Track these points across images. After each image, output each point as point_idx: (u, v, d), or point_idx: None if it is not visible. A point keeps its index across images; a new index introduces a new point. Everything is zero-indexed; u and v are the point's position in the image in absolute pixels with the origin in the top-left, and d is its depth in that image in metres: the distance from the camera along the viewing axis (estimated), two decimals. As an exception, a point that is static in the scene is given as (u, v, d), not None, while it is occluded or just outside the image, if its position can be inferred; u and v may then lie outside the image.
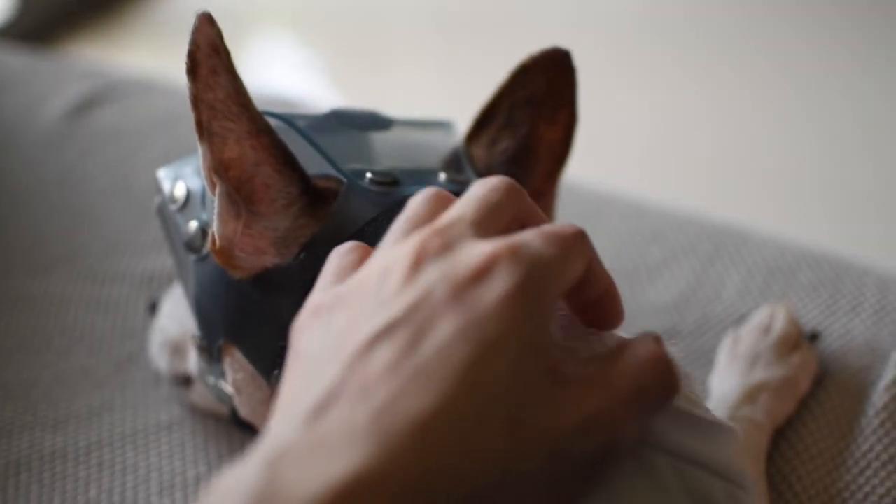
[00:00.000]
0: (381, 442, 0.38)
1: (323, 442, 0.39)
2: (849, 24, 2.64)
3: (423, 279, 0.43)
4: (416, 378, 0.40)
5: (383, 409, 0.39)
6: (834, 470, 0.76)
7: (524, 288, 0.42)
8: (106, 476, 0.79)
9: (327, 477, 0.38)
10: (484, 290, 0.42)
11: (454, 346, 0.41)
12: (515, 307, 0.42)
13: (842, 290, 0.90)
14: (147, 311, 0.88)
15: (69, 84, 1.21)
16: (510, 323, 0.41)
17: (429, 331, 0.41)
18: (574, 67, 0.70)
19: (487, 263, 0.43)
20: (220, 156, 0.60)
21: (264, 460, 0.39)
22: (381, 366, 0.41)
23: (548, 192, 0.74)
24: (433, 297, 0.42)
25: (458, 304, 0.42)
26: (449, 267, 0.43)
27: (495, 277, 0.42)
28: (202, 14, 0.57)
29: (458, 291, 0.42)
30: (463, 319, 0.41)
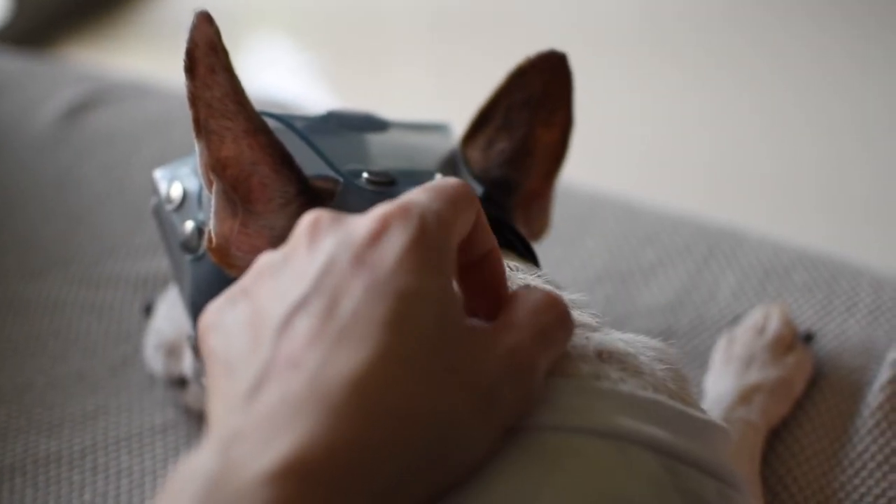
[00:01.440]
0: (322, 408, 0.39)
1: (267, 419, 0.40)
2: (844, 26, 2.64)
3: (323, 249, 0.45)
4: (340, 341, 0.41)
5: (316, 376, 0.40)
6: (829, 471, 0.76)
7: (420, 240, 0.44)
8: (101, 480, 0.79)
9: (277, 452, 0.38)
10: (383, 249, 0.44)
11: (370, 305, 0.42)
12: (417, 260, 0.43)
13: (836, 290, 0.90)
14: (142, 313, 0.88)
15: (64, 87, 1.21)
16: (417, 275, 0.43)
17: (341, 296, 0.43)
18: (570, 70, 0.71)
19: (381, 224, 0.45)
20: (218, 154, 0.60)
21: (217, 445, 0.40)
22: (303, 337, 0.42)
23: (544, 195, 0.74)
24: (337, 264, 0.44)
25: (362, 266, 0.43)
26: (344, 234, 0.45)
27: (391, 235, 0.44)
28: (200, 12, 0.57)
29: (359, 254, 0.44)
30: (371, 279, 0.43)
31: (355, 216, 0.46)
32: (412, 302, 0.42)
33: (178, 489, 0.39)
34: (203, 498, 0.38)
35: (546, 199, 0.74)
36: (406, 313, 0.42)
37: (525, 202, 0.73)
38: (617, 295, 0.93)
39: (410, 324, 0.42)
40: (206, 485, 0.38)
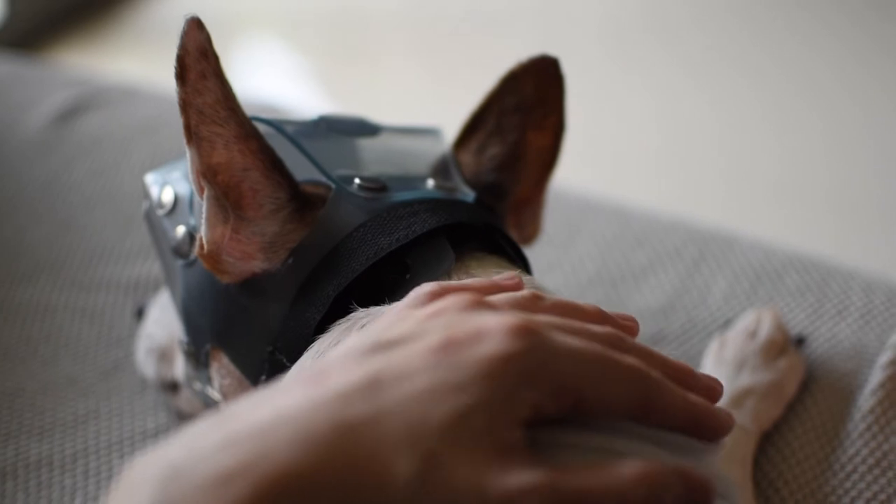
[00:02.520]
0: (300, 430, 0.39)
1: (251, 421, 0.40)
2: (844, 25, 2.64)
3: (430, 323, 0.45)
4: (363, 389, 0.41)
5: (317, 407, 0.40)
6: (821, 474, 0.76)
7: (513, 360, 0.42)
8: (92, 484, 0.79)
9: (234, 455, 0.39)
10: (472, 348, 0.42)
11: (412, 377, 0.41)
12: (494, 372, 0.41)
13: (828, 294, 0.90)
14: (133, 317, 0.88)
15: (54, 91, 1.21)
16: (478, 380, 0.41)
17: (399, 360, 0.42)
18: (562, 75, 0.71)
19: (493, 328, 0.43)
20: (209, 160, 0.59)
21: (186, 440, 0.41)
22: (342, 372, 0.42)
23: (535, 199, 0.74)
24: (424, 337, 0.43)
25: (439, 350, 0.42)
26: (458, 320, 0.44)
27: (489, 340, 0.42)
28: (191, 18, 0.56)
29: (449, 341, 0.43)
30: (432, 360, 0.42)
31: (493, 312, 0.45)
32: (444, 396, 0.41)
33: (139, 474, 0.40)
34: (161, 486, 0.38)
35: (538, 203, 0.74)
36: (431, 399, 0.41)
37: (516, 207, 0.73)
38: (608, 298, 0.93)
39: (429, 410, 0.40)
40: (166, 474, 0.39)
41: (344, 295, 0.59)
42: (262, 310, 0.62)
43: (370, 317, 0.57)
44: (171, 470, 0.39)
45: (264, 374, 0.62)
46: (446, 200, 0.65)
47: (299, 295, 0.60)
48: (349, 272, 0.59)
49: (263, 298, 0.62)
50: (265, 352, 0.61)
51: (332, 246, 0.61)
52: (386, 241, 0.60)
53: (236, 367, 0.65)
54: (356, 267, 0.59)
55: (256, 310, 0.62)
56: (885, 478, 0.75)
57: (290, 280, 0.61)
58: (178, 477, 0.38)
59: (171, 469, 0.39)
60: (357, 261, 0.60)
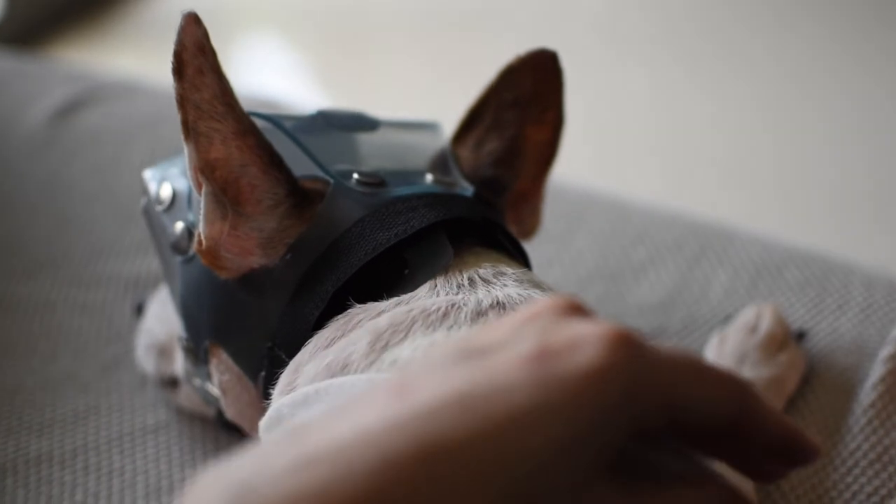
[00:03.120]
0: (380, 451, 0.36)
1: (327, 439, 0.37)
2: (843, 24, 2.64)
3: (523, 329, 0.40)
4: (452, 405, 0.37)
5: (401, 424, 0.37)
6: (821, 469, 0.76)
7: (610, 374, 0.38)
8: (92, 480, 0.78)
9: (306, 478, 0.36)
10: (568, 357, 0.38)
11: (507, 395, 0.37)
12: (591, 391, 0.37)
13: (828, 288, 0.90)
14: (133, 313, 0.88)
15: (53, 87, 1.20)
16: (574, 403, 0.37)
17: (492, 372, 0.38)
18: (561, 69, 0.70)
19: (589, 337, 0.39)
20: (206, 156, 0.59)
21: (262, 450, 0.38)
22: (430, 383, 0.38)
23: (535, 194, 0.74)
24: (518, 345, 0.39)
25: (534, 361, 0.38)
26: (553, 327, 0.40)
27: (586, 350, 0.38)
28: (188, 14, 0.56)
29: (544, 350, 0.38)
30: (528, 374, 0.38)
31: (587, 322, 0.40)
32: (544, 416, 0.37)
33: (206, 492, 0.37)
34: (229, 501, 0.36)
35: (537, 198, 0.74)
36: (530, 421, 0.36)
37: (515, 202, 0.73)
38: (608, 294, 0.93)
39: (524, 431, 0.36)
40: (232, 494, 0.36)
41: (342, 290, 0.59)
42: (261, 305, 0.62)
43: (367, 313, 0.57)
44: (240, 490, 0.36)
45: (263, 370, 0.62)
46: (445, 195, 0.65)
47: (298, 290, 0.60)
48: (347, 268, 0.59)
49: (262, 294, 0.62)
50: (264, 347, 0.61)
51: (331, 241, 0.61)
52: (384, 236, 0.60)
53: (235, 362, 0.65)
54: (354, 262, 0.59)
55: (255, 305, 0.62)
56: (886, 472, 0.75)
57: (289, 276, 0.61)
58: (246, 497, 0.36)
59: (241, 489, 0.36)
60: (355, 256, 0.60)
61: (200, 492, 0.38)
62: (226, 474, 0.37)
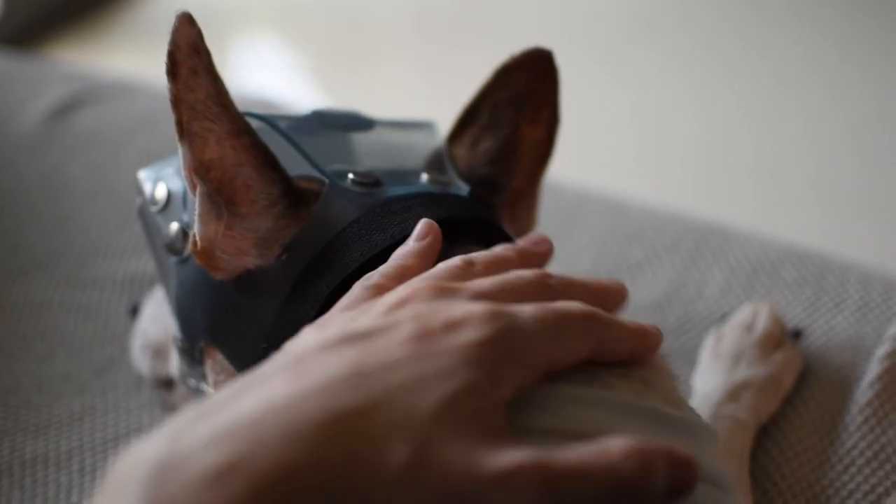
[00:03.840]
0: (288, 422, 0.39)
1: (237, 414, 0.40)
2: (831, 20, 2.65)
3: (398, 314, 0.46)
4: (348, 378, 0.41)
5: (304, 397, 0.40)
6: (818, 467, 0.76)
7: (490, 344, 0.44)
8: (88, 481, 0.78)
9: (224, 450, 0.38)
10: (448, 336, 0.43)
11: (395, 366, 0.42)
12: (475, 355, 0.43)
13: (825, 286, 0.90)
14: (128, 314, 0.88)
15: (49, 87, 1.20)
16: (459, 365, 0.42)
17: (378, 350, 0.43)
18: (556, 67, 0.70)
19: (463, 318, 0.45)
20: (201, 157, 0.59)
21: (169, 434, 0.40)
22: (323, 362, 0.42)
23: (530, 193, 0.74)
24: (397, 330, 0.44)
25: (416, 341, 0.43)
26: (427, 311, 0.45)
27: (463, 329, 0.44)
28: (182, 14, 0.56)
29: (423, 332, 0.44)
30: (412, 350, 0.43)
31: (457, 301, 0.47)
32: (429, 383, 0.42)
33: (126, 473, 0.39)
34: (150, 485, 0.38)
35: (532, 197, 0.74)
36: (417, 387, 0.41)
37: (511, 201, 0.73)
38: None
39: (414, 398, 0.41)
40: (153, 472, 0.38)
41: (338, 291, 0.59)
42: (256, 306, 0.62)
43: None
44: (158, 468, 0.38)
45: (258, 371, 0.62)
46: (440, 195, 0.65)
47: (293, 291, 0.60)
48: (343, 268, 0.59)
49: (257, 295, 0.62)
50: (259, 348, 0.61)
51: (326, 242, 0.60)
52: (380, 236, 0.60)
53: (230, 363, 0.65)
54: (350, 263, 0.59)
55: (250, 306, 0.62)
56: (882, 471, 0.75)
57: (284, 276, 0.61)
58: (167, 476, 0.38)
59: (159, 467, 0.38)
60: (351, 257, 0.59)
61: (121, 473, 0.39)
62: (143, 454, 0.39)
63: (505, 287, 0.50)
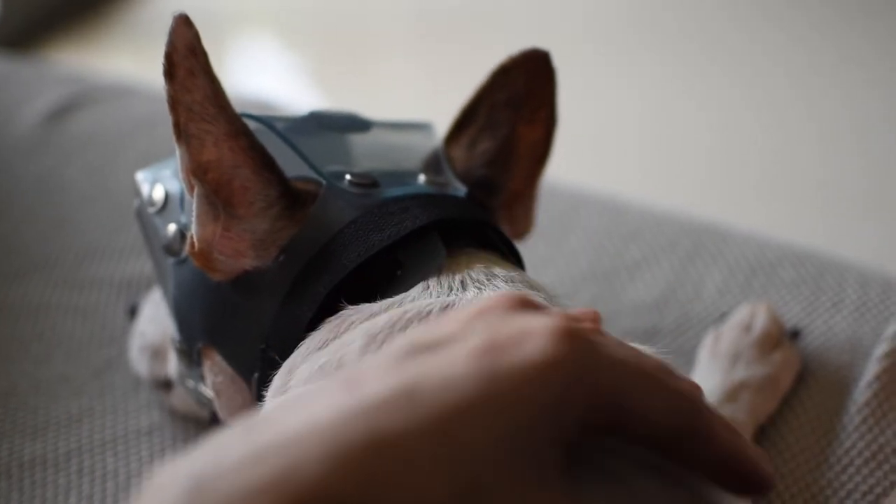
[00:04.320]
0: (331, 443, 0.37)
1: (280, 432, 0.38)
2: (832, 19, 2.65)
3: (473, 323, 0.42)
4: (399, 398, 0.38)
5: (350, 417, 0.37)
6: (816, 468, 0.76)
7: (556, 366, 0.39)
8: (86, 483, 0.78)
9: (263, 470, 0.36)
10: (515, 350, 0.39)
11: (452, 388, 0.38)
12: (535, 383, 0.38)
13: (823, 287, 0.90)
14: (126, 315, 0.88)
15: (47, 89, 1.20)
16: (519, 396, 0.38)
17: (439, 365, 0.39)
18: (553, 68, 0.70)
19: (537, 329, 0.40)
20: (198, 158, 0.59)
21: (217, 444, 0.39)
22: (378, 377, 0.39)
23: (528, 194, 0.74)
24: (466, 339, 0.40)
25: (482, 354, 0.39)
26: (502, 321, 0.41)
27: (533, 342, 0.39)
28: (178, 15, 0.56)
29: (492, 343, 0.39)
30: (474, 367, 0.38)
31: (535, 315, 0.42)
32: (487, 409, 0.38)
33: (163, 487, 0.38)
34: (186, 499, 0.37)
35: (530, 198, 0.74)
36: (474, 412, 0.37)
37: (509, 202, 0.73)
38: (602, 293, 0.93)
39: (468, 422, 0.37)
40: (191, 487, 0.37)
41: (335, 292, 0.59)
42: (254, 307, 0.62)
43: (360, 314, 0.57)
44: (195, 483, 0.37)
45: (257, 372, 0.62)
46: (437, 196, 0.65)
47: (291, 292, 0.60)
48: (340, 269, 0.59)
49: (255, 296, 0.62)
50: (257, 349, 0.61)
51: (324, 243, 0.61)
52: (377, 237, 0.60)
53: (229, 364, 0.65)
54: (347, 264, 0.59)
55: (248, 307, 0.62)
56: (881, 471, 0.75)
57: (282, 277, 0.61)
58: (203, 491, 0.36)
59: (196, 482, 0.37)
60: (348, 258, 0.59)
61: (158, 487, 0.38)
62: (182, 469, 0.38)
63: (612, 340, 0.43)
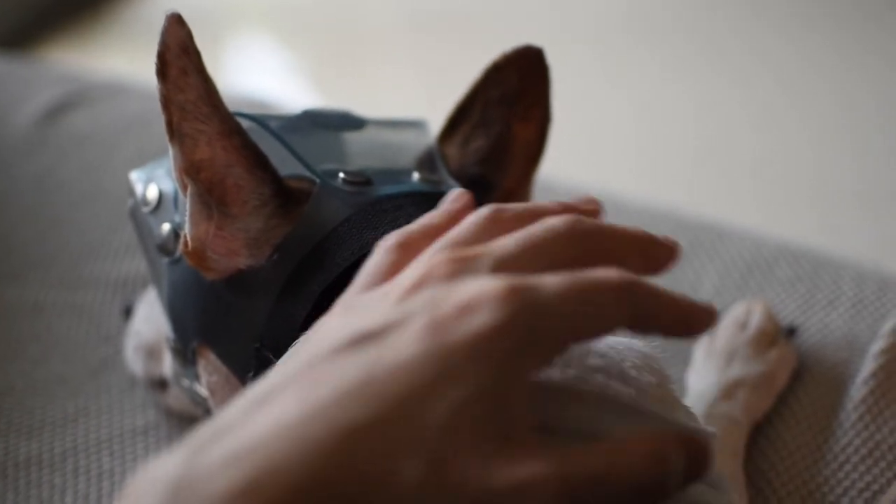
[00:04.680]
0: (302, 441, 0.38)
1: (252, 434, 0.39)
2: (826, 17, 2.65)
3: (412, 302, 0.42)
4: (358, 389, 0.39)
5: (316, 414, 0.39)
6: (812, 465, 0.76)
7: (505, 331, 0.40)
8: (82, 482, 0.78)
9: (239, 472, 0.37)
10: (461, 324, 0.40)
11: (406, 371, 0.39)
12: (487, 350, 0.40)
13: (819, 284, 0.90)
14: (121, 315, 0.88)
15: (42, 89, 1.20)
16: (472, 363, 0.39)
17: (389, 352, 0.40)
18: (547, 65, 0.70)
19: (478, 299, 0.41)
20: (192, 157, 0.59)
21: (187, 452, 0.39)
22: (334, 371, 0.40)
23: (522, 192, 0.74)
24: (410, 322, 0.41)
25: (428, 334, 0.40)
26: (441, 296, 0.42)
27: (478, 313, 0.40)
28: (171, 14, 0.56)
29: (436, 322, 0.40)
30: (423, 348, 0.40)
31: (474, 278, 0.42)
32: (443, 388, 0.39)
33: (142, 491, 0.39)
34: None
35: (524, 196, 0.74)
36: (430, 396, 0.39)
37: (503, 200, 0.72)
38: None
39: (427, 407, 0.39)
40: (169, 492, 0.38)
41: (329, 290, 0.59)
42: (248, 306, 0.62)
43: None
44: (174, 489, 0.37)
45: (251, 371, 0.62)
46: (431, 194, 0.64)
47: (284, 291, 0.60)
48: (334, 267, 0.59)
49: (249, 295, 0.62)
50: (251, 348, 0.61)
51: (317, 241, 0.60)
52: (371, 235, 0.60)
53: (223, 363, 0.65)
54: (341, 262, 0.59)
55: (242, 306, 0.62)
56: (877, 468, 0.75)
57: (276, 276, 0.61)
58: (182, 497, 0.37)
59: (175, 488, 0.37)
60: (342, 256, 0.59)
61: (137, 490, 0.39)
62: (159, 472, 0.39)
63: (530, 245, 0.45)
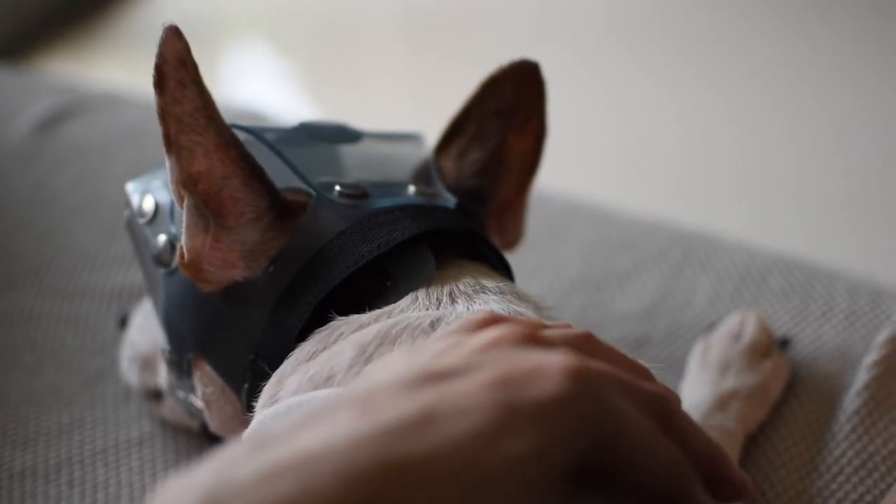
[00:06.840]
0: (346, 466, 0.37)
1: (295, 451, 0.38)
2: (816, 24, 2.65)
3: (485, 355, 0.43)
4: (416, 424, 0.39)
5: (366, 440, 0.38)
6: (806, 476, 0.76)
7: (564, 403, 0.40)
8: (77, 493, 0.78)
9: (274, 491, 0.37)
10: (529, 386, 0.40)
11: (467, 416, 0.39)
12: (546, 415, 0.40)
13: (813, 295, 0.90)
14: (117, 325, 0.87)
15: (37, 99, 1.20)
16: (531, 423, 0.39)
17: (454, 395, 0.40)
18: (543, 79, 0.71)
19: (550, 368, 0.41)
20: (189, 169, 0.59)
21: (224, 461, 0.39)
22: (393, 403, 0.40)
23: (517, 204, 0.74)
24: (479, 372, 0.41)
25: (496, 387, 0.40)
26: (515, 355, 0.42)
27: (546, 381, 0.41)
28: (169, 27, 0.56)
29: (505, 377, 0.41)
30: (489, 398, 0.40)
31: (546, 350, 0.44)
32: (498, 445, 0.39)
33: (169, 500, 0.38)
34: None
35: (520, 208, 0.74)
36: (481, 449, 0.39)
37: (498, 212, 0.73)
38: (592, 302, 0.93)
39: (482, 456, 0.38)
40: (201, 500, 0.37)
41: (325, 302, 0.59)
42: (244, 318, 0.62)
43: (349, 325, 0.57)
44: (208, 500, 0.37)
45: (246, 383, 0.62)
46: (427, 207, 0.65)
47: (280, 303, 0.60)
48: (330, 280, 0.59)
49: (244, 306, 0.62)
50: (247, 360, 0.61)
51: (313, 253, 0.61)
52: (366, 248, 0.60)
53: (219, 375, 0.65)
54: (336, 275, 0.59)
55: (238, 318, 0.62)
56: (871, 479, 0.75)
57: (271, 288, 0.61)
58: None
59: (209, 499, 0.37)
60: (337, 268, 0.60)
61: (166, 501, 0.38)
62: (191, 484, 0.38)
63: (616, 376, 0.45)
